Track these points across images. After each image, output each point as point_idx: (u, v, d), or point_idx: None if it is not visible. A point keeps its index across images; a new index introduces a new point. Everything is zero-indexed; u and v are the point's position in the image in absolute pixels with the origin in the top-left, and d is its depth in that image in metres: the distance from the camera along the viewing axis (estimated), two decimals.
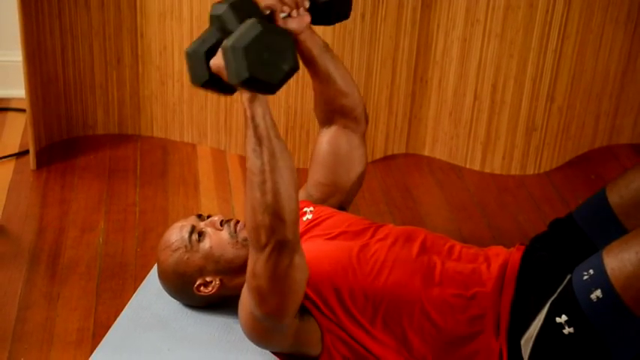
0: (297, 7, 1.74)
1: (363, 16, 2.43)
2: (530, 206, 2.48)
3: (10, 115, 2.79)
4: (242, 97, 1.58)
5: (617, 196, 1.75)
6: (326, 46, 1.89)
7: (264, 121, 1.56)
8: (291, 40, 1.58)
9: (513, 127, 2.57)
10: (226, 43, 1.55)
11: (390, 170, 2.62)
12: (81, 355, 1.86)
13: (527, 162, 2.62)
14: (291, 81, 2.50)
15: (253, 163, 1.56)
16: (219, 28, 1.64)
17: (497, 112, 2.56)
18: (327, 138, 1.99)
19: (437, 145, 2.68)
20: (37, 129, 2.53)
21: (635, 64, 2.68)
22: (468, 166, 2.65)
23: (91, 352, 1.86)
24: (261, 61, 1.53)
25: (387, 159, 2.67)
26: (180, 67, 2.60)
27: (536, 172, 2.64)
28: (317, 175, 2.00)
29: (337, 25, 2.39)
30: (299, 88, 2.50)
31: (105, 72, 2.62)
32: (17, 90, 2.71)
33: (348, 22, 2.42)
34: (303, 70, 2.48)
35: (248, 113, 1.57)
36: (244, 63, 1.52)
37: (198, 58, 1.65)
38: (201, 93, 2.62)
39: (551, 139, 2.61)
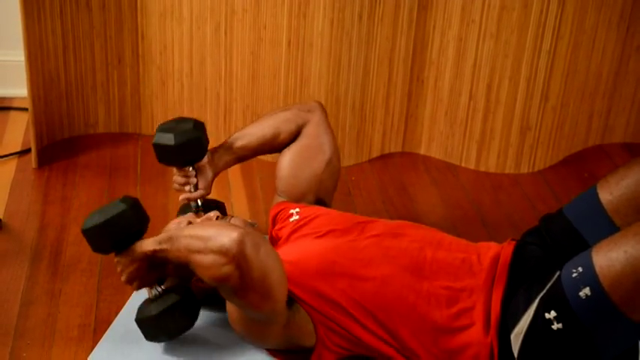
0: (189, 179, 2.01)
1: (360, 16, 2.44)
2: (524, 204, 2.49)
3: (13, 114, 2.79)
4: (140, 251, 1.75)
5: (607, 192, 1.75)
6: (230, 142, 2.06)
7: (151, 239, 1.73)
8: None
9: (508, 126, 2.58)
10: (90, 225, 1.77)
11: (387, 168, 2.64)
12: (82, 351, 1.86)
13: (522, 161, 2.64)
14: (290, 80, 2.55)
15: (179, 248, 1.67)
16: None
17: (492, 112, 2.57)
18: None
19: (433, 144, 2.70)
20: (39, 128, 2.54)
21: (628, 65, 2.69)
22: (463, 165, 2.67)
23: (92, 347, 1.87)
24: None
25: (383, 157, 2.68)
26: (180, 67, 2.61)
27: (530, 170, 2.66)
28: (284, 173, 2.07)
29: (335, 25, 2.44)
30: (297, 88, 2.53)
31: (106, 71, 2.63)
32: (19, 89, 2.72)
33: (345, 23, 2.44)
34: (301, 69, 2.52)
35: (146, 249, 1.73)
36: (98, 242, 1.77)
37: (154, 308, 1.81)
38: (202, 92, 2.64)
39: (545, 138, 2.63)
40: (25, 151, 2.59)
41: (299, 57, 2.48)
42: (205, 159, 2.01)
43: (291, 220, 1.94)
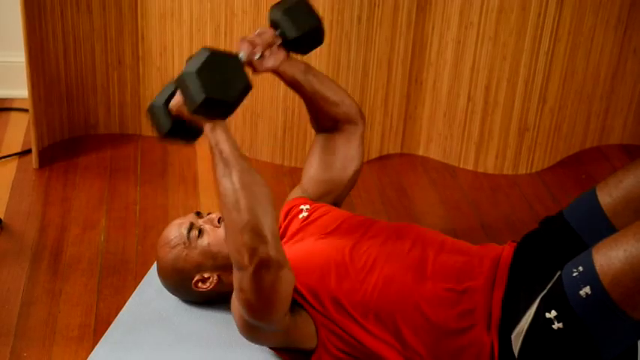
0: (270, 46, 1.83)
1: (359, 18, 2.45)
2: (522, 205, 2.50)
3: (13, 114, 2.80)
4: (205, 129, 1.64)
5: (607, 195, 1.76)
6: (307, 67, 1.94)
7: (227, 144, 1.61)
8: (241, 61, 1.65)
9: (506, 127, 2.59)
10: (179, 74, 1.61)
11: (386, 170, 2.64)
12: (82, 351, 1.87)
13: (520, 162, 2.65)
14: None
15: (224, 186, 1.60)
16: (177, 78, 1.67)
17: (490, 113, 2.58)
18: (324, 137, 2.03)
19: (431, 145, 2.71)
20: (40, 128, 2.55)
21: (625, 66, 2.70)
22: (461, 166, 2.67)
23: (93, 347, 1.87)
24: (214, 82, 1.58)
25: (382, 158, 2.69)
26: (180, 68, 2.59)
27: (528, 171, 2.66)
28: (313, 172, 2.03)
29: (334, 27, 2.44)
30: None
31: (106, 73, 2.64)
32: (20, 90, 2.72)
33: (344, 25, 2.45)
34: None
35: (212, 141, 1.63)
36: (198, 85, 1.57)
37: (159, 108, 1.71)
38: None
39: (543, 140, 2.63)
40: (25, 152, 2.60)
41: (298, 58, 2.49)
42: (289, 53, 1.90)
43: (300, 216, 1.94)
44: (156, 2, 2.55)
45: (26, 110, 2.65)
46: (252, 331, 1.76)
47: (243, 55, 1.79)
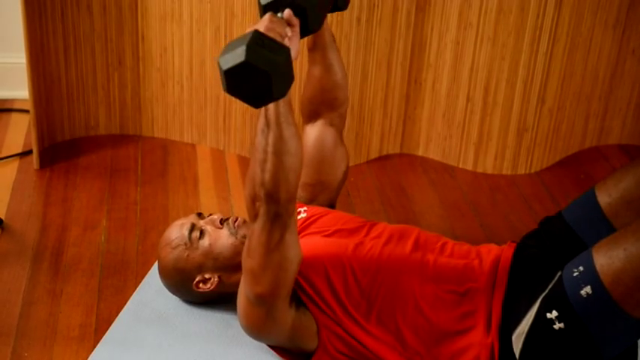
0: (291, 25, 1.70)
1: (358, 19, 2.46)
2: (521, 205, 2.51)
3: (14, 115, 2.80)
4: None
5: (605, 195, 1.76)
6: (334, 38, 1.92)
7: (274, 105, 1.53)
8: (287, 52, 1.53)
9: (505, 128, 2.60)
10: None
11: (385, 170, 2.65)
12: (83, 350, 1.88)
13: (519, 162, 2.65)
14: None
15: (259, 140, 1.55)
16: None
17: (489, 114, 2.59)
18: (312, 136, 2.01)
19: (430, 146, 2.71)
20: (41, 129, 2.55)
21: (624, 67, 2.71)
22: (460, 166, 2.68)
23: (94, 347, 1.88)
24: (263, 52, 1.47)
25: (381, 159, 2.70)
26: (180, 69, 2.63)
27: (527, 171, 2.67)
28: (304, 176, 2.00)
29: (334, 28, 2.45)
30: (296, 89, 2.55)
31: (107, 74, 2.64)
32: (21, 91, 2.74)
33: (344, 26, 2.46)
34: (300, 71, 2.53)
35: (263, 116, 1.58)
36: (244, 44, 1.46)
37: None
38: (202, 94, 2.65)
39: (542, 140, 2.64)
40: (26, 153, 2.60)
41: (298, 60, 2.50)
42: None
43: (299, 217, 1.94)
44: (156, 3, 2.56)
45: (27, 111, 2.65)
46: (255, 321, 1.73)
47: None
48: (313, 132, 2.01)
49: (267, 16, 1.59)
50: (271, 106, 1.53)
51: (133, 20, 2.59)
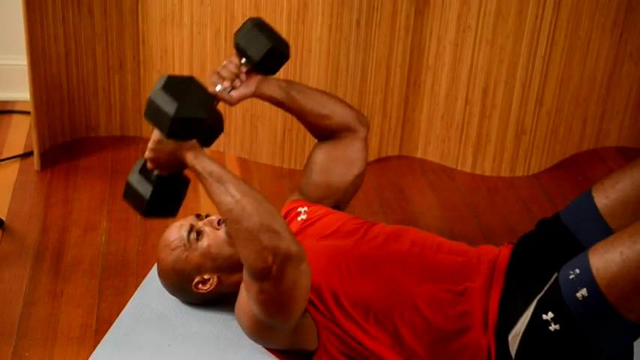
0: (237, 75, 1.83)
1: (358, 22, 2.47)
2: (519, 207, 2.51)
3: (15, 117, 2.81)
4: (188, 160, 1.65)
5: (602, 196, 1.77)
6: (289, 84, 1.94)
7: (214, 164, 1.64)
8: (196, 80, 1.68)
9: (503, 130, 2.60)
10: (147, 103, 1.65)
11: (384, 171, 2.66)
12: (84, 351, 1.88)
13: (517, 164, 2.66)
14: None
15: (225, 202, 1.61)
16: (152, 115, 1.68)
17: (487, 116, 2.60)
18: (322, 144, 2.04)
19: (429, 148, 2.72)
20: (42, 131, 2.56)
21: (622, 70, 2.71)
22: (459, 168, 2.69)
23: (94, 347, 1.88)
24: (182, 95, 1.62)
25: (380, 161, 2.70)
26: (180, 71, 2.62)
27: (525, 174, 2.68)
28: (312, 176, 2.04)
29: (333, 31, 2.46)
30: None
31: (107, 76, 2.65)
32: (22, 93, 2.74)
33: (343, 28, 2.47)
34: (300, 74, 2.54)
35: (199, 168, 1.64)
36: (168, 99, 1.60)
37: (134, 176, 1.73)
38: None
39: (540, 142, 2.65)
40: (27, 154, 2.61)
41: (298, 62, 2.51)
42: (261, 75, 1.89)
43: (299, 219, 1.96)
44: (156, 6, 2.57)
45: (28, 113, 2.65)
46: (263, 332, 1.76)
47: (213, 90, 1.84)
48: (323, 143, 2.04)
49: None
50: (213, 167, 1.64)
51: (133, 23, 2.59)
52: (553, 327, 1.61)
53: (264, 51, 1.85)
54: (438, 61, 2.59)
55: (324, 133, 2.02)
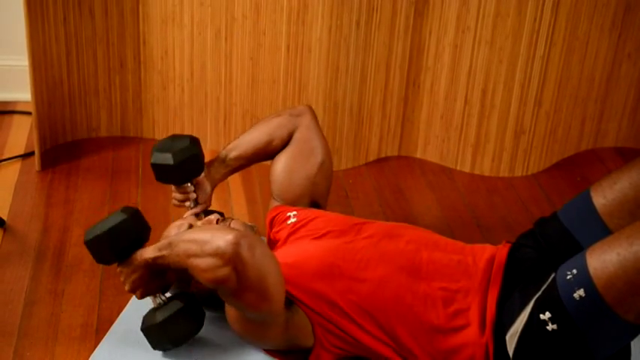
0: (188, 197, 2.02)
1: (357, 23, 2.47)
2: (518, 207, 2.52)
3: (17, 117, 2.81)
4: (145, 258, 1.76)
5: (601, 196, 1.77)
6: (222, 156, 2.06)
7: (153, 249, 1.75)
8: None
9: (502, 130, 2.61)
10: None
11: (384, 172, 2.66)
12: (85, 350, 1.88)
13: (516, 164, 2.67)
14: (289, 85, 2.58)
15: (178, 253, 1.68)
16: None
17: (486, 116, 2.60)
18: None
19: (429, 148, 2.73)
20: (43, 131, 2.56)
21: (620, 70, 2.72)
22: (458, 168, 2.70)
23: (95, 347, 1.89)
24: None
25: (380, 161, 2.71)
26: (180, 72, 2.64)
27: (524, 174, 2.68)
28: (278, 179, 2.09)
29: (333, 32, 2.47)
30: (296, 92, 2.56)
31: (108, 76, 2.66)
32: (23, 94, 2.75)
33: (343, 29, 2.48)
34: (300, 75, 2.55)
35: (150, 260, 1.75)
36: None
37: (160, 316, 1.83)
38: (202, 97, 2.67)
39: (539, 143, 2.65)
40: (28, 154, 2.61)
41: (298, 62, 2.52)
42: (202, 174, 2.03)
43: (289, 222, 1.96)
44: (157, 7, 2.57)
45: (29, 113, 2.66)
46: (256, 331, 1.76)
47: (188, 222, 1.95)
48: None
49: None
50: (154, 252, 1.74)
51: (134, 24, 2.60)
52: (550, 327, 1.61)
53: (177, 173, 1.96)
54: (437, 62, 2.59)
55: (278, 152, 2.11)
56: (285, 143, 2.09)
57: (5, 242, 2.24)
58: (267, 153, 2.10)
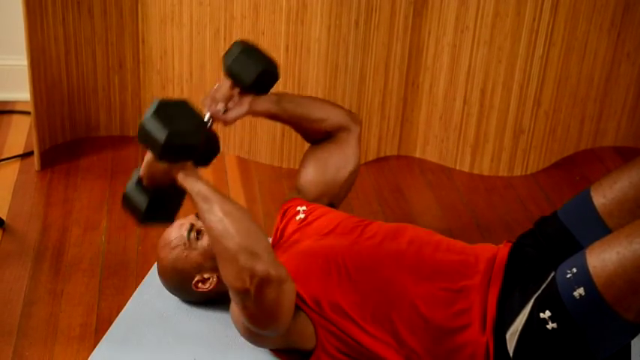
0: (230, 98, 1.89)
1: (356, 23, 2.47)
2: (517, 206, 2.52)
3: (16, 117, 2.81)
4: (178, 179, 1.68)
5: (600, 196, 1.77)
6: (280, 97, 1.98)
7: (201, 183, 1.67)
8: (188, 104, 1.70)
9: (501, 130, 2.61)
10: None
11: (383, 171, 2.67)
12: (84, 350, 1.89)
13: (515, 164, 2.67)
14: (288, 85, 2.58)
15: (210, 220, 1.64)
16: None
17: (485, 116, 2.60)
18: (320, 142, 2.06)
19: (428, 148, 2.73)
20: (42, 131, 2.56)
21: (619, 70, 2.72)
22: (457, 168, 2.70)
23: (94, 346, 1.89)
24: (173, 121, 1.64)
25: (379, 160, 2.71)
26: (180, 71, 2.64)
27: (523, 173, 2.69)
28: (308, 174, 2.06)
29: (332, 31, 2.47)
30: (295, 92, 2.55)
31: (107, 76, 2.66)
32: (22, 93, 2.75)
33: (342, 29, 2.48)
34: (299, 74, 2.55)
35: (188, 187, 1.68)
36: (159, 125, 1.63)
37: (132, 187, 1.76)
38: (201, 96, 2.65)
39: (538, 142, 2.66)
40: (27, 154, 2.61)
41: (297, 62, 2.52)
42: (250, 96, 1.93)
43: (297, 218, 1.96)
44: (156, 6, 2.57)
45: (28, 113, 2.66)
46: (256, 338, 1.78)
47: (208, 114, 1.88)
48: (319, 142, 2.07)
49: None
50: (201, 187, 1.67)
51: (133, 23, 2.60)
52: (550, 325, 1.61)
53: (255, 75, 1.89)
54: (436, 62, 2.60)
55: (320, 136, 2.06)
56: (330, 132, 2.05)
57: (4, 242, 2.24)
58: (311, 128, 2.04)
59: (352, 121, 2.06)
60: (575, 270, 1.60)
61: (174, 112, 1.67)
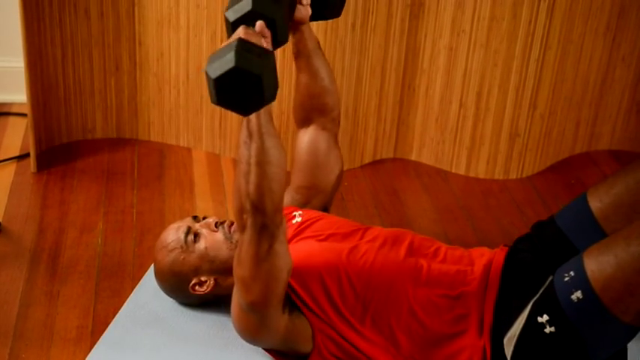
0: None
1: (353, 25, 2.48)
2: (512, 209, 2.53)
3: (12, 119, 2.81)
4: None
5: (597, 200, 1.78)
6: (319, 44, 1.96)
7: (256, 116, 1.57)
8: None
9: (497, 133, 2.62)
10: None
11: (379, 174, 2.67)
12: (80, 352, 1.89)
13: (510, 167, 2.67)
14: (284, 87, 2.58)
15: (242, 152, 1.58)
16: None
17: (481, 119, 2.61)
18: (305, 141, 2.03)
19: (424, 151, 2.73)
20: (38, 133, 2.56)
21: (614, 74, 2.73)
22: (453, 171, 2.70)
23: (90, 348, 1.89)
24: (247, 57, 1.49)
25: (375, 163, 2.72)
26: (176, 74, 2.64)
27: (518, 176, 2.69)
28: (298, 179, 2.05)
29: (329, 33, 2.47)
30: (292, 94, 2.57)
31: (104, 78, 2.66)
32: (19, 95, 2.75)
33: (339, 31, 2.49)
34: (290, 77, 2.55)
35: (244, 121, 1.61)
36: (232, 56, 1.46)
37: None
38: (197, 99, 2.67)
39: (534, 145, 2.66)
40: (23, 156, 2.61)
41: (293, 65, 2.51)
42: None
43: (294, 222, 1.96)
44: (153, 9, 2.57)
45: (24, 115, 2.66)
46: (249, 327, 1.75)
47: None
48: (306, 136, 2.03)
49: (241, 28, 1.60)
50: (253, 117, 1.56)
51: (130, 26, 2.60)
52: (548, 329, 1.62)
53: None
54: (432, 65, 2.60)
55: (312, 111, 2.01)
56: (324, 110, 2.01)
57: (0, 244, 2.24)
58: (316, 93, 1.98)
59: (339, 117, 2.06)
60: (572, 273, 1.61)
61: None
